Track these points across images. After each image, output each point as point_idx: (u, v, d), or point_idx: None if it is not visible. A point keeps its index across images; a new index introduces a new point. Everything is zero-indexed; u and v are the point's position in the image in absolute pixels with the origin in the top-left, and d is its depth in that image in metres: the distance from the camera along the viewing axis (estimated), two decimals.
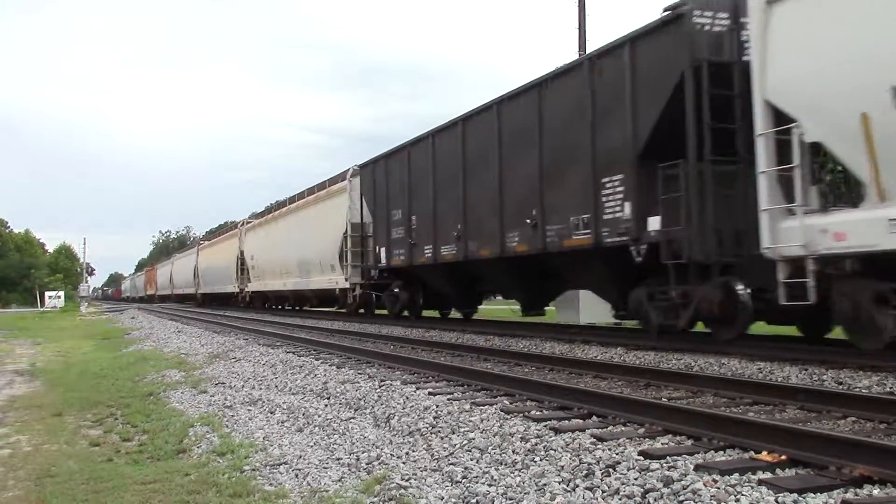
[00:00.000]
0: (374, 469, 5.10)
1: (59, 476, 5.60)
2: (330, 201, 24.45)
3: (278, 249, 30.49)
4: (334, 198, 23.98)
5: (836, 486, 3.85)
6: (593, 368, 8.61)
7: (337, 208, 23.35)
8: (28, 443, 6.99)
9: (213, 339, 17.18)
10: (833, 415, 5.69)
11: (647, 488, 4.00)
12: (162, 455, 6.11)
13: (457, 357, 10.74)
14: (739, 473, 4.09)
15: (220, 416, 7.58)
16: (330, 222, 23.83)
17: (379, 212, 19.31)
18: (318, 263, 25.39)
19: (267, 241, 32.94)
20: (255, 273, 34.96)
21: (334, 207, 23.67)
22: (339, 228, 22.84)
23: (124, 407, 8.69)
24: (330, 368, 10.05)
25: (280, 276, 30.63)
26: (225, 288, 40.86)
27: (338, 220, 23.05)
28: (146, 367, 12.57)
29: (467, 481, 4.56)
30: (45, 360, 15.39)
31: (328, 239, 23.96)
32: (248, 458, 5.69)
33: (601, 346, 10.99)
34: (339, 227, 22.75)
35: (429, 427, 6.06)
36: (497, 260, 14.04)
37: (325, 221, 24.41)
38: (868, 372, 7.48)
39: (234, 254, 37.97)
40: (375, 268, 19.79)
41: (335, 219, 23.38)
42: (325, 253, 24.39)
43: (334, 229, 23.28)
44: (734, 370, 8.23)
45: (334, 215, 23.49)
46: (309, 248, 26.44)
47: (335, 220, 23.32)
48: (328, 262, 24.22)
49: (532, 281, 14.49)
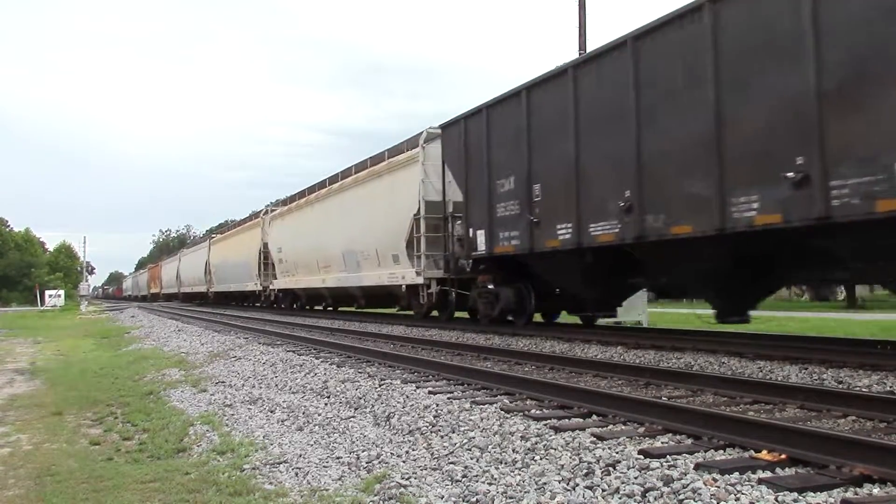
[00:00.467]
0: (374, 468, 5.11)
1: (59, 475, 5.60)
2: (393, 176, 19.37)
3: (315, 239, 25.28)
4: (400, 171, 18.93)
5: (836, 485, 3.85)
6: (593, 367, 8.61)
7: (404, 184, 18.33)
8: (28, 441, 7.00)
9: (213, 337, 17.17)
10: (833, 414, 5.69)
11: (647, 487, 4.00)
12: (162, 454, 6.11)
13: (457, 356, 10.74)
14: (739, 472, 4.09)
15: (221, 415, 7.59)
16: (394, 202, 18.89)
17: (474, 183, 14.37)
18: (374, 254, 20.40)
19: (300, 229, 27.42)
20: (284, 268, 29.76)
21: (401, 183, 18.66)
22: (406, 209, 17.92)
23: (124, 406, 8.70)
24: (330, 367, 10.05)
25: (317, 270, 25.60)
26: (244, 286, 36.08)
27: (405, 198, 18.05)
28: (146, 366, 12.57)
29: (467, 480, 4.57)
30: (46, 359, 15.39)
31: (391, 223, 18.95)
32: (248, 457, 5.69)
33: (601, 345, 10.99)
34: (408, 207, 17.83)
35: (429, 426, 6.06)
36: (701, 241, 9.42)
37: (386, 201, 19.50)
38: (868, 371, 7.49)
39: (255, 247, 33.29)
40: (468, 257, 14.90)
41: (402, 197, 18.37)
42: (386, 241, 19.41)
43: (400, 211, 18.36)
44: (734, 369, 8.23)
45: (401, 193, 18.49)
46: (361, 236, 21.32)
47: (402, 200, 18.34)
48: (389, 252, 19.32)
49: (754, 271, 9.96)
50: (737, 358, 8.85)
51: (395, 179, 19.20)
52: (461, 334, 14.31)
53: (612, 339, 11.40)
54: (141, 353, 15.30)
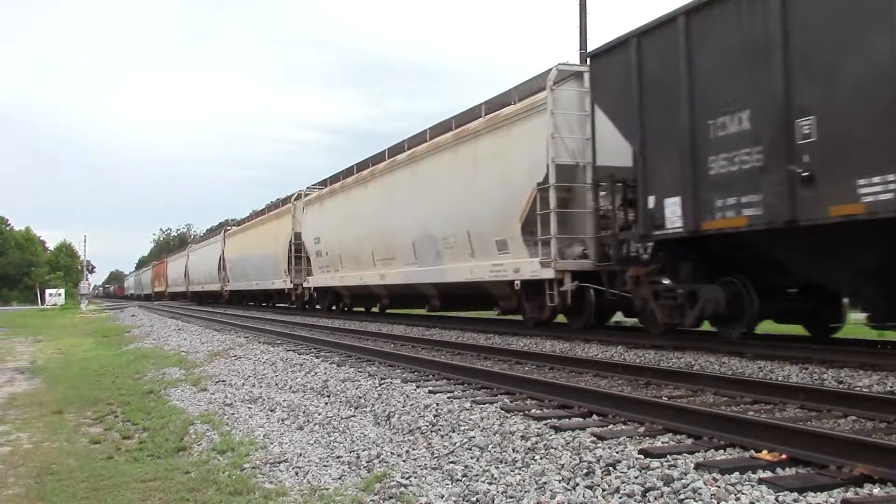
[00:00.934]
0: (375, 467, 5.11)
1: (59, 473, 5.61)
2: (499, 135, 14.17)
3: (371, 225, 20.13)
4: (511, 127, 13.81)
5: (836, 485, 3.85)
6: (594, 367, 8.61)
7: (519, 144, 13.43)
8: (28, 440, 7.00)
9: (213, 337, 17.17)
10: (833, 414, 5.68)
11: (647, 487, 4.00)
12: (162, 453, 6.11)
13: (457, 355, 10.74)
14: (740, 472, 4.09)
15: (221, 414, 7.59)
16: (500, 169, 13.88)
17: (659, 129, 9.90)
18: (465, 240, 15.19)
19: (347, 215, 21.98)
20: (322, 262, 24.47)
21: (513, 143, 13.63)
22: (523, 178, 13.07)
23: (124, 405, 8.70)
24: (330, 366, 10.05)
25: (371, 264, 20.31)
26: (268, 283, 30.96)
27: (520, 163, 13.27)
28: (146, 365, 12.57)
29: (467, 479, 4.56)
30: (46, 358, 15.40)
31: (495, 198, 14.03)
32: (249, 456, 5.69)
33: (601, 345, 10.98)
34: (525, 174, 13.02)
35: (429, 425, 6.06)
36: None
37: (487, 170, 14.35)
38: (868, 371, 7.48)
39: (284, 238, 28.30)
40: (646, 239, 10.43)
41: (514, 162, 13.50)
42: (487, 222, 14.43)
43: (511, 181, 13.46)
44: (734, 369, 8.23)
45: (512, 156, 13.62)
46: (444, 218, 16.07)
47: (514, 165, 13.45)
48: (491, 238, 14.28)
49: None
50: (737, 358, 8.84)
51: (501, 139, 14.03)
52: (461, 334, 14.31)
53: (612, 338, 11.40)
54: (141, 352, 15.30)
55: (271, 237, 30.47)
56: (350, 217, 21.90)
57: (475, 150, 15.05)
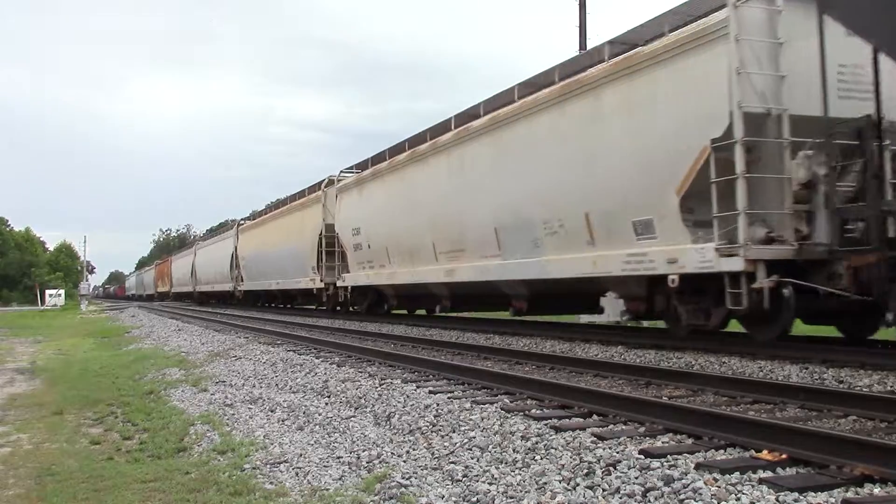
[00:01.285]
0: (375, 467, 5.10)
1: (59, 474, 5.60)
2: (636, 82, 10.35)
3: (431, 210, 16.47)
4: (666, 65, 9.83)
5: (836, 485, 3.85)
6: (594, 367, 8.61)
7: (678, 86, 9.67)
8: (29, 441, 6.99)
9: (213, 337, 17.17)
10: (834, 413, 5.68)
11: (647, 487, 4.00)
12: (162, 453, 6.11)
13: (457, 356, 10.74)
14: (740, 472, 4.09)
15: (221, 415, 7.58)
16: (642, 127, 10.21)
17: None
18: (583, 224, 11.42)
19: (398, 198, 18.49)
20: (364, 257, 20.61)
21: (668, 86, 9.81)
22: (681, 135, 9.52)
23: (125, 405, 8.69)
24: (330, 367, 10.05)
25: (431, 258, 16.68)
26: (292, 282, 27.21)
27: (675, 113, 9.64)
28: (146, 366, 12.57)
29: (468, 480, 4.56)
30: (46, 359, 15.39)
31: (630, 165, 10.40)
32: (249, 457, 5.69)
33: (601, 345, 10.98)
34: (687, 129, 9.42)
35: (429, 426, 6.06)
36: None
37: (617, 127, 10.66)
38: (869, 370, 7.48)
39: (311, 231, 24.51)
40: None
41: (663, 115, 9.88)
42: (619, 198, 10.68)
43: (658, 142, 9.92)
44: (735, 369, 8.23)
45: (661, 107, 9.92)
46: (546, 198, 12.37)
47: (664, 119, 9.87)
48: (627, 218, 10.52)
49: None
50: (737, 357, 8.84)
51: (644, 86, 10.19)
52: (461, 334, 14.31)
53: (612, 338, 11.40)
54: (141, 353, 15.30)
55: (295, 230, 26.54)
56: (402, 202, 18.26)
57: (597, 104, 11.23)
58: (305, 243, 25.27)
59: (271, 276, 30.24)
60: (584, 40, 21.81)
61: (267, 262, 30.82)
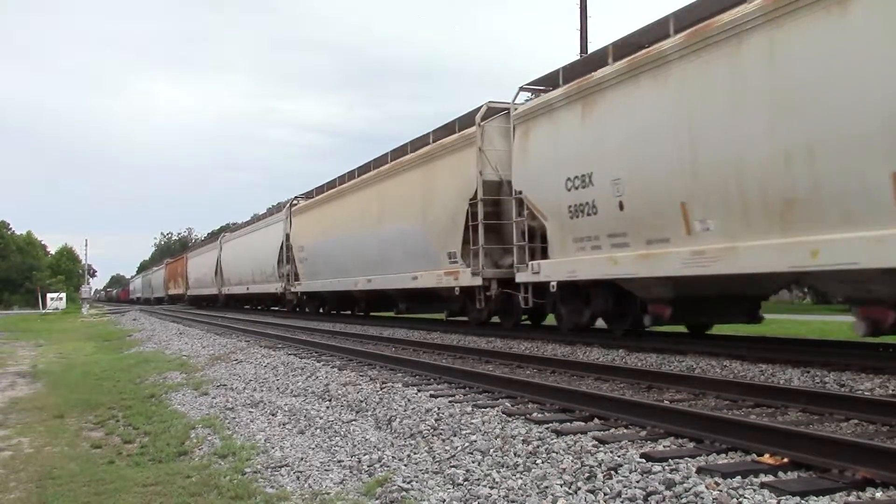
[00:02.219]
0: (376, 471, 5.10)
1: (60, 478, 5.60)
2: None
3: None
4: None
5: (838, 489, 3.84)
6: (595, 371, 8.60)
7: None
8: (30, 444, 6.99)
9: (214, 341, 17.17)
10: (835, 417, 5.68)
11: (649, 491, 3.99)
12: (163, 457, 6.11)
13: (458, 359, 10.74)
14: (742, 476, 4.08)
15: (222, 418, 7.58)
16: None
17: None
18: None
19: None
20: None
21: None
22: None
23: (126, 409, 8.69)
24: (331, 370, 10.04)
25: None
26: (396, 280, 18.28)
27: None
28: (148, 369, 12.57)
29: (469, 484, 4.56)
30: (47, 362, 15.39)
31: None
32: (250, 461, 5.68)
33: (603, 349, 10.98)
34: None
35: (430, 429, 6.05)
36: None
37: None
38: (870, 374, 7.48)
39: (441, 201, 15.93)
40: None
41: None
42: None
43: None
44: (736, 372, 8.22)
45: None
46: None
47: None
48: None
49: None
50: (739, 361, 8.84)
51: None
52: (462, 337, 14.30)
53: (613, 342, 11.39)
54: (142, 356, 15.30)
55: (402, 201, 17.89)
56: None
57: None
58: (447, 215, 16.23)
59: (354, 271, 20.78)
60: (585, 43, 21.87)
61: (345, 254, 21.55)
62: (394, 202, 18.41)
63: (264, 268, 30.79)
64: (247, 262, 34.02)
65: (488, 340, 13.42)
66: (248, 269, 33.90)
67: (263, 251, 30.73)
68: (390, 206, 18.68)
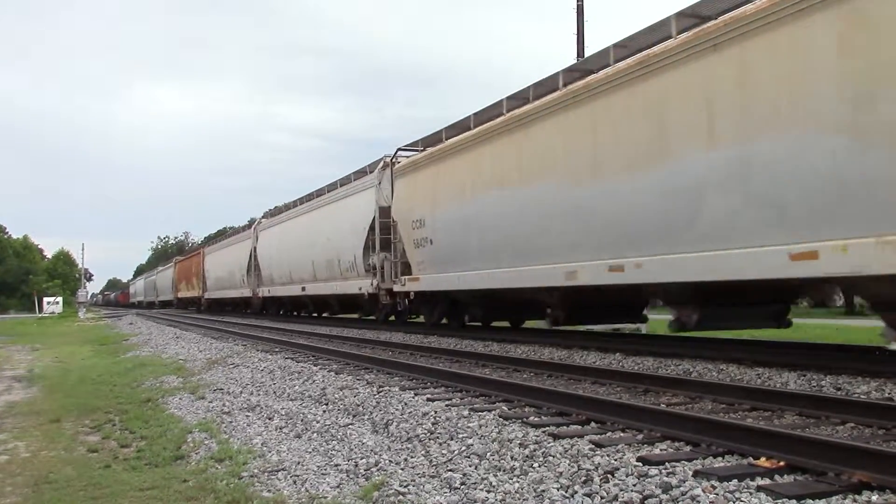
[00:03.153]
0: (373, 475, 5.10)
1: (56, 482, 5.59)
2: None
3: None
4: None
5: (834, 493, 3.85)
6: (592, 374, 8.60)
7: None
8: (26, 449, 6.98)
9: (211, 344, 17.15)
10: (832, 420, 5.69)
11: (645, 494, 3.99)
12: (160, 461, 6.10)
13: (455, 363, 10.74)
14: (738, 479, 4.09)
15: (219, 422, 7.58)
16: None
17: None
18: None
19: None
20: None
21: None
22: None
23: (122, 413, 8.68)
24: (328, 374, 10.04)
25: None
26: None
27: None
28: (144, 373, 12.55)
29: (466, 487, 4.56)
30: (44, 366, 15.36)
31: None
32: (247, 465, 5.68)
33: (600, 352, 10.98)
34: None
35: (427, 433, 6.05)
36: None
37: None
38: (867, 377, 7.49)
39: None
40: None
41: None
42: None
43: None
44: (733, 376, 8.23)
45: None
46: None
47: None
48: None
49: None
50: (735, 364, 8.84)
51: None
52: (459, 341, 14.30)
53: (610, 345, 11.40)
54: (139, 360, 15.27)
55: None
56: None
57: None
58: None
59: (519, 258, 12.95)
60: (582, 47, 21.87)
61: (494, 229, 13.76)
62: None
63: (336, 255, 21.83)
64: (298, 254, 25.71)
65: (485, 344, 13.42)
66: (297, 264, 25.61)
67: (330, 237, 22.38)
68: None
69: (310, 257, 24.20)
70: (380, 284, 18.96)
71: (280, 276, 28.35)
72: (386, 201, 18.68)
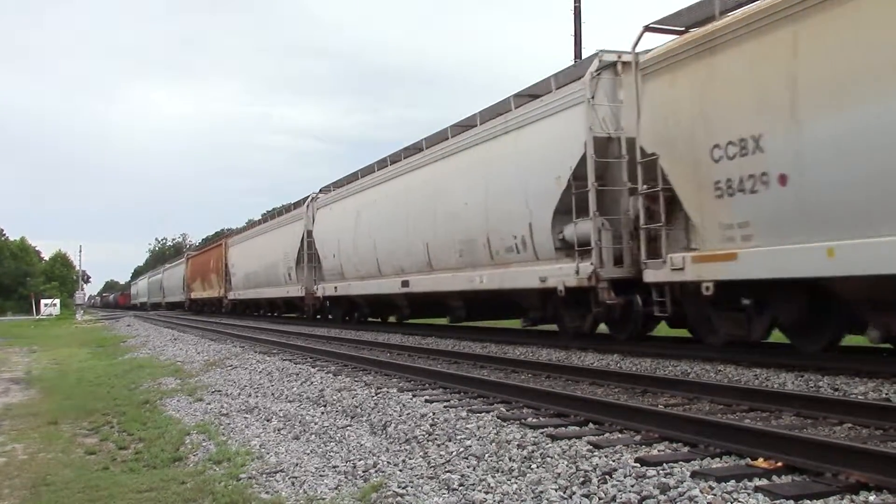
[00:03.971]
0: (371, 477, 5.10)
1: (54, 484, 5.59)
2: None
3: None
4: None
5: (832, 493, 3.85)
6: (590, 375, 8.61)
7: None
8: (24, 451, 6.97)
9: (209, 346, 17.14)
10: (829, 421, 5.70)
11: (643, 495, 4.00)
12: (158, 463, 6.10)
13: (453, 364, 10.74)
14: (736, 480, 4.09)
15: (217, 424, 7.57)
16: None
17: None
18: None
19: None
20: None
21: None
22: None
23: (120, 415, 8.67)
24: (326, 376, 10.04)
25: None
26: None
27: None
28: (142, 375, 12.54)
29: (464, 489, 4.56)
30: (41, 368, 15.35)
31: None
32: (245, 466, 5.68)
33: (598, 353, 10.98)
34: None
35: (425, 434, 6.05)
36: None
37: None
38: (864, 378, 7.50)
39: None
40: None
41: None
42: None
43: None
44: (730, 377, 8.24)
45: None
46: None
47: None
48: None
49: None
50: (733, 365, 8.85)
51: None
52: (457, 343, 14.31)
53: (609, 347, 11.40)
54: (137, 362, 15.26)
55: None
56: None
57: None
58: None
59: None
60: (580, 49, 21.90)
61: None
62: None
63: (478, 233, 14.15)
64: (404, 239, 17.28)
65: (483, 346, 13.42)
66: (415, 244, 16.69)
67: (462, 208, 14.73)
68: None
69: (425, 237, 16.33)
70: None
71: (352, 268, 20.62)
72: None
